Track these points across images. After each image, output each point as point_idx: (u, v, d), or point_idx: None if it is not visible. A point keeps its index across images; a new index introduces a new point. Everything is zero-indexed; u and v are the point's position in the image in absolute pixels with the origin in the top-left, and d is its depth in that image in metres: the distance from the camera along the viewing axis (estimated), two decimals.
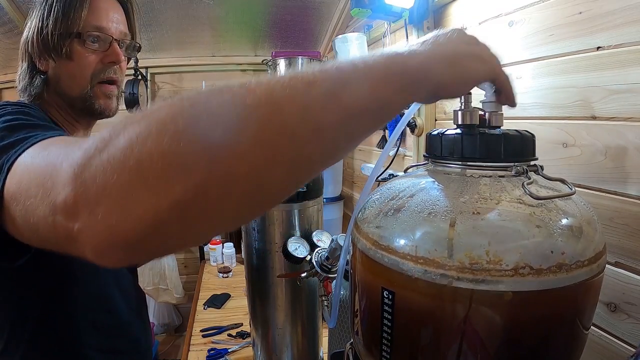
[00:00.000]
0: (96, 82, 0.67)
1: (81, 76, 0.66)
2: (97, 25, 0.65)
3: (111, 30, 0.67)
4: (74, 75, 0.66)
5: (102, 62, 0.67)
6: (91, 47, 0.65)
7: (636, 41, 0.56)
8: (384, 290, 0.40)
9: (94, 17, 0.64)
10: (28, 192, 0.31)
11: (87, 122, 0.73)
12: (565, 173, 0.65)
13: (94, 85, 0.67)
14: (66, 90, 0.67)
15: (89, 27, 0.64)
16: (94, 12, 0.64)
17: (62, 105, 0.68)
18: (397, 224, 0.40)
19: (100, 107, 0.68)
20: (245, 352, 1.27)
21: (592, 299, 0.39)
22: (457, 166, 0.43)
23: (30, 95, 0.67)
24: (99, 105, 0.68)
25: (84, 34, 0.64)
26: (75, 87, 0.66)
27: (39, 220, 0.29)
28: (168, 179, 0.24)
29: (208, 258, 2.13)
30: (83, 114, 0.70)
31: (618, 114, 0.59)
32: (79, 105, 0.68)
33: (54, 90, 0.67)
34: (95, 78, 0.67)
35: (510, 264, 0.33)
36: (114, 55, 0.67)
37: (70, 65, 0.65)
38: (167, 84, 2.26)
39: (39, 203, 0.29)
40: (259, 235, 0.77)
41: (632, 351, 0.57)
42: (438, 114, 1.14)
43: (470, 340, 0.36)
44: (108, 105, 0.70)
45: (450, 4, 1.04)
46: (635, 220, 0.57)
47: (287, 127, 0.26)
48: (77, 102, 0.67)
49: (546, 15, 0.72)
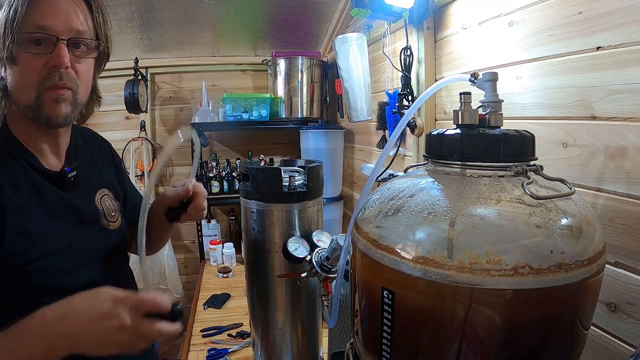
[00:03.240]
0: (43, 89, 0.59)
1: (27, 83, 0.58)
2: (38, 24, 0.56)
3: (57, 28, 0.57)
4: (20, 83, 0.59)
5: (46, 66, 0.58)
6: (32, 49, 0.57)
7: (636, 41, 0.56)
8: (384, 290, 0.40)
9: (36, 14, 0.56)
10: None
11: (48, 133, 0.65)
12: (565, 173, 0.65)
13: (42, 93, 0.59)
14: (17, 99, 0.60)
15: (30, 26, 0.56)
16: (38, 9, 0.56)
17: (22, 115, 0.62)
18: (397, 223, 0.40)
19: (45, 114, 0.60)
20: (245, 352, 1.27)
21: (591, 299, 0.39)
22: (457, 166, 0.43)
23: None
24: (45, 112, 0.60)
25: (24, 35, 0.56)
26: (22, 95, 0.59)
27: None
28: None
29: (208, 258, 2.13)
30: (37, 124, 0.62)
31: (618, 114, 0.59)
32: (30, 114, 0.60)
33: (11, 99, 0.61)
34: (42, 85, 0.58)
35: (509, 264, 0.33)
36: (56, 58, 0.57)
37: (16, 71, 0.58)
38: (167, 84, 2.26)
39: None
40: (259, 236, 0.77)
41: (632, 351, 0.57)
42: (438, 114, 1.14)
43: (470, 339, 0.36)
44: (55, 110, 0.60)
45: (450, 4, 1.04)
46: (635, 220, 0.57)
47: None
48: (28, 112, 0.60)
49: (546, 15, 0.72)
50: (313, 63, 2.04)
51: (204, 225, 2.26)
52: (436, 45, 1.11)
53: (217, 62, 2.24)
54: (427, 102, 1.13)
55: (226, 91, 2.15)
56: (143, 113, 2.08)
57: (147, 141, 2.17)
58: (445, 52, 1.08)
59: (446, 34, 1.06)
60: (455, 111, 0.43)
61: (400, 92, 1.17)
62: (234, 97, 2.01)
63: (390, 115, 1.30)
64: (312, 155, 1.92)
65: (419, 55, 1.13)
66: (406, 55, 1.15)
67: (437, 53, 1.11)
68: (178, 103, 2.27)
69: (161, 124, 2.29)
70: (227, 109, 2.01)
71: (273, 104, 2.05)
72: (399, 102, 1.18)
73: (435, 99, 1.13)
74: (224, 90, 2.20)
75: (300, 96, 2.05)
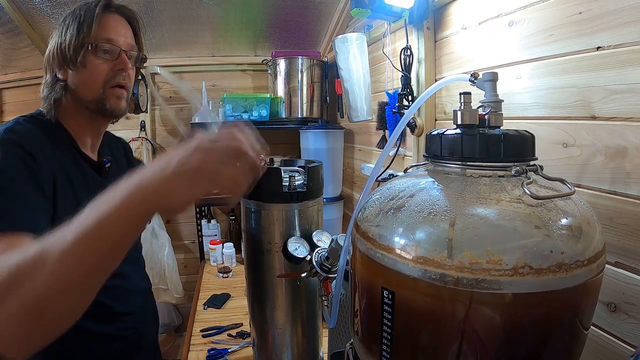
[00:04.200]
0: (108, 86, 0.77)
1: (94, 82, 0.77)
2: (107, 38, 0.76)
3: (119, 42, 0.78)
4: (88, 82, 0.77)
5: (112, 69, 0.77)
6: (102, 56, 0.76)
7: (636, 41, 0.56)
8: (383, 290, 0.40)
9: (104, 31, 0.76)
10: None
11: (98, 125, 0.84)
12: (565, 173, 0.65)
13: (106, 89, 0.77)
14: (82, 95, 0.77)
15: (100, 39, 0.75)
16: (104, 28, 0.76)
17: (77, 109, 0.79)
18: (397, 223, 0.40)
19: (111, 107, 0.79)
20: (245, 352, 1.27)
21: (591, 299, 0.39)
22: (456, 166, 0.43)
23: (51, 100, 0.76)
24: (110, 105, 0.78)
25: (96, 46, 0.75)
26: (89, 91, 0.77)
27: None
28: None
29: (208, 258, 2.13)
30: (96, 115, 0.80)
31: (618, 114, 0.59)
32: (93, 107, 0.78)
33: (71, 96, 0.78)
34: (107, 84, 0.77)
35: (509, 264, 0.33)
36: (122, 63, 0.78)
37: (85, 73, 0.76)
38: (167, 84, 2.26)
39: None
40: (259, 236, 0.77)
41: (632, 351, 0.57)
42: (438, 114, 1.14)
43: (470, 339, 0.36)
44: (118, 105, 0.80)
45: (450, 4, 1.04)
46: (635, 220, 0.57)
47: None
48: (92, 105, 0.78)
49: (546, 15, 0.72)
50: (313, 63, 2.04)
51: (204, 225, 2.26)
52: (436, 45, 1.11)
53: (217, 62, 2.24)
54: (427, 102, 1.13)
55: (226, 91, 2.15)
56: (143, 113, 2.08)
57: (147, 141, 2.18)
58: (445, 52, 1.08)
59: (446, 34, 1.06)
60: (455, 111, 0.43)
61: (400, 92, 1.17)
62: (234, 97, 2.01)
63: (390, 115, 1.30)
64: (312, 155, 1.92)
65: (419, 55, 1.13)
66: (406, 55, 1.15)
67: (437, 53, 1.11)
68: (178, 103, 2.27)
69: (161, 124, 2.29)
70: (227, 109, 2.00)
71: (273, 104, 2.05)
72: (399, 102, 1.18)
73: (435, 99, 1.13)
74: (224, 90, 2.20)
75: (300, 96, 2.05)
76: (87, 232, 0.40)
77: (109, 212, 0.41)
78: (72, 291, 0.41)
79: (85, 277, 0.41)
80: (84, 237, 0.40)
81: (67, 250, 0.40)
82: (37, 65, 2.04)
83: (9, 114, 2.25)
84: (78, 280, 0.41)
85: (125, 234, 0.42)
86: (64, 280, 0.40)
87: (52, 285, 0.40)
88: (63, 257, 0.40)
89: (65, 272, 0.40)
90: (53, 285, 0.40)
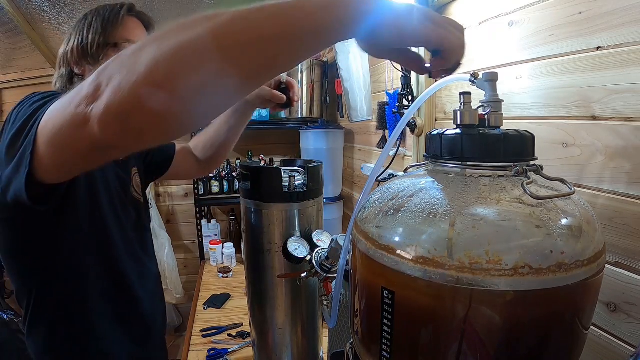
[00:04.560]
0: None
1: None
2: (127, 39, 0.80)
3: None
4: None
5: None
6: None
7: (636, 41, 0.56)
8: (383, 290, 0.40)
9: (126, 33, 0.80)
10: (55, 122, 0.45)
11: None
12: (565, 173, 0.65)
13: None
14: None
15: (122, 40, 0.79)
16: (127, 29, 0.81)
17: None
18: (397, 223, 0.40)
19: None
20: (245, 352, 1.27)
21: (591, 299, 0.39)
22: (456, 166, 0.43)
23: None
24: None
25: (119, 44, 0.79)
26: None
27: (64, 129, 0.43)
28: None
29: (208, 258, 2.13)
30: None
31: (618, 114, 0.59)
32: None
33: None
34: None
35: (509, 264, 0.33)
36: None
37: None
38: None
39: (66, 116, 0.42)
40: (259, 236, 0.77)
41: (632, 351, 0.57)
42: (438, 114, 1.14)
43: (470, 339, 0.36)
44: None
45: (450, 3, 1.04)
46: (635, 220, 0.57)
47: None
48: None
49: (546, 15, 0.72)
50: (313, 63, 2.04)
51: (204, 225, 2.26)
52: None
53: None
54: (427, 102, 1.13)
55: None
56: None
57: None
58: None
59: None
60: (455, 111, 0.43)
61: (400, 92, 1.17)
62: None
63: (390, 115, 1.30)
64: (312, 155, 1.92)
65: None
66: None
67: None
68: None
69: None
70: None
71: None
72: (399, 102, 1.18)
73: (435, 99, 1.13)
74: None
75: (300, 96, 2.05)
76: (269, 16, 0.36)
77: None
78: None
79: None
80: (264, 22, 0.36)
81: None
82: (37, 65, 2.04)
83: None
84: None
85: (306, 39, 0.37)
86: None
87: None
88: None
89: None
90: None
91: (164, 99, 0.36)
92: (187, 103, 0.37)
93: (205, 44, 0.35)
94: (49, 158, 0.47)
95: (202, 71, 0.36)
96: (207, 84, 0.37)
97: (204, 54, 0.36)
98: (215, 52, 0.35)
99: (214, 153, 1.06)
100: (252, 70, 0.38)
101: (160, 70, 0.36)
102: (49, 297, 0.73)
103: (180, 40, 0.36)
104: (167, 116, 0.38)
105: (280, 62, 0.39)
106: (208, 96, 0.37)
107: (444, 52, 0.40)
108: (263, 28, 0.36)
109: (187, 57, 0.36)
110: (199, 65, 0.36)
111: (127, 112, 0.37)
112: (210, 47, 0.35)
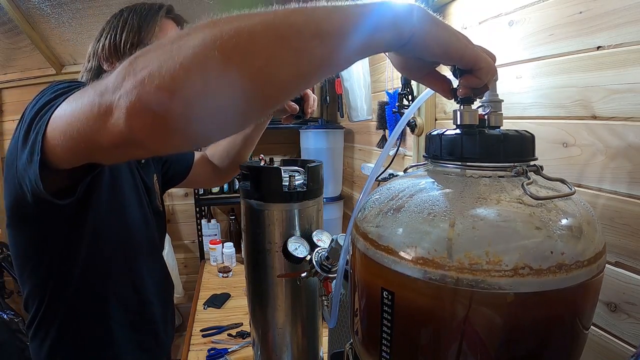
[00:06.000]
0: None
1: None
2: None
3: None
4: None
5: None
6: None
7: (636, 41, 0.56)
8: (383, 290, 0.40)
9: (162, 34, 0.79)
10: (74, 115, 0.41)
11: None
12: (565, 173, 0.65)
13: None
14: None
15: (155, 39, 0.77)
16: (163, 31, 0.79)
17: None
18: (397, 224, 0.40)
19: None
20: (245, 352, 1.27)
21: (592, 299, 0.39)
22: (456, 166, 0.43)
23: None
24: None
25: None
26: None
27: (85, 120, 0.39)
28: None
29: (208, 258, 2.13)
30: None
31: (618, 114, 0.59)
32: None
33: None
34: None
35: (510, 265, 0.33)
36: None
37: None
38: None
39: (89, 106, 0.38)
40: (259, 235, 0.77)
41: (632, 351, 0.57)
42: (438, 114, 1.14)
43: (470, 340, 0.36)
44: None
45: (450, 3, 1.04)
46: (635, 220, 0.57)
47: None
48: None
49: (546, 15, 0.72)
50: None
51: (204, 225, 2.26)
52: None
53: None
54: (427, 102, 1.13)
55: None
56: None
57: None
58: None
59: None
60: (455, 111, 0.43)
61: (400, 91, 1.17)
62: None
63: (390, 115, 1.29)
64: (312, 155, 1.92)
65: None
66: None
67: None
68: None
69: None
70: None
71: None
72: (399, 101, 1.18)
73: (435, 99, 1.13)
74: None
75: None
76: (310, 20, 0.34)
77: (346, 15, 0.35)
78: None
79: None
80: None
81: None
82: (36, 65, 2.04)
83: (9, 114, 2.25)
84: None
85: (345, 49, 0.35)
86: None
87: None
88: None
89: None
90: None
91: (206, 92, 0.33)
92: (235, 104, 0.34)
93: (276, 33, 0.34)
94: (61, 148, 0.44)
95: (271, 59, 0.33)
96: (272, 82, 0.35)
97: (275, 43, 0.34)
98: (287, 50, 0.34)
99: (231, 162, 1.05)
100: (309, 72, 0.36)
101: (216, 55, 0.32)
102: (62, 301, 0.71)
103: (240, 25, 0.34)
104: (204, 116, 0.34)
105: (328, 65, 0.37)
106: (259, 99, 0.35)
107: (479, 71, 0.40)
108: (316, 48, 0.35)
109: (251, 43, 0.33)
110: (264, 50, 0.33)
111: (163, 104, 0.32)
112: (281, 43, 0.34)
